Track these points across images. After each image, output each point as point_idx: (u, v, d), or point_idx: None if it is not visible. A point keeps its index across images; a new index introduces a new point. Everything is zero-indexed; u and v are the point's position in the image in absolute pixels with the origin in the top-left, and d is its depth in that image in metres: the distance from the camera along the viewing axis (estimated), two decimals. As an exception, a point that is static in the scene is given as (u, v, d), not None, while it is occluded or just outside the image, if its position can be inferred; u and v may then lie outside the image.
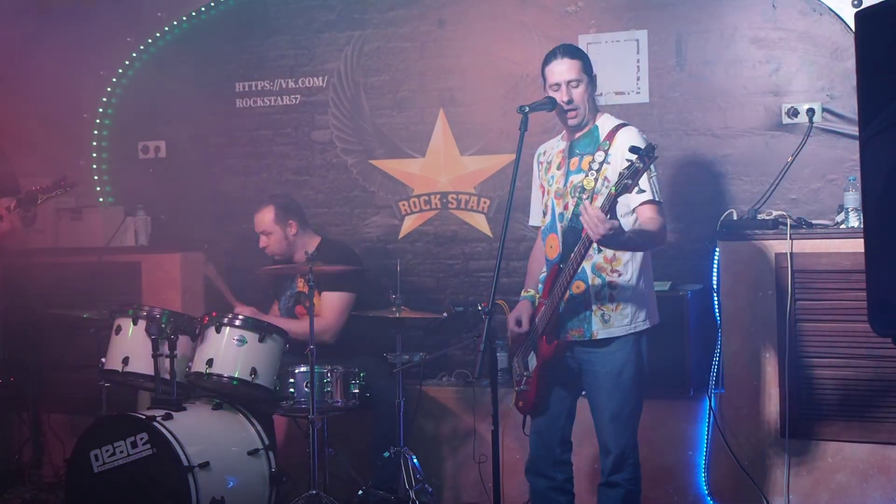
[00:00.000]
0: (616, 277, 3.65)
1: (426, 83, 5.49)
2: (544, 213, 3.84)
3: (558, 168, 3.79)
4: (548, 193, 3.81)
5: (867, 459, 4.33)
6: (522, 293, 3.94)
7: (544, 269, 3.85)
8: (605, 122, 3.77)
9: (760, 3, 4.87)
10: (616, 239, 3.34)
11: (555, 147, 3.87)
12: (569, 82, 3.69)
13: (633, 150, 3.25)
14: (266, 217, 4.88)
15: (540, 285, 3.85)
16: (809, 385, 4.40)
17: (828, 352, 4.37)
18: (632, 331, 3.68)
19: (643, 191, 3.41)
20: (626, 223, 3.56)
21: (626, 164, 3.27)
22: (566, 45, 3.83)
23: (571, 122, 3.74)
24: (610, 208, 3.27)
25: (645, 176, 3.37)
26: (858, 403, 4.34)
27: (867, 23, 2.73)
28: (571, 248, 3.56)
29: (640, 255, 3.69)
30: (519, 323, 3.80)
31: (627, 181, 3.23)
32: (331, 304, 4.77)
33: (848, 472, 4.35)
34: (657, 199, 3.59)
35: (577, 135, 3.77)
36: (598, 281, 3.66)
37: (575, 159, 3.74)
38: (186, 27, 5.92)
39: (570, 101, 3.68)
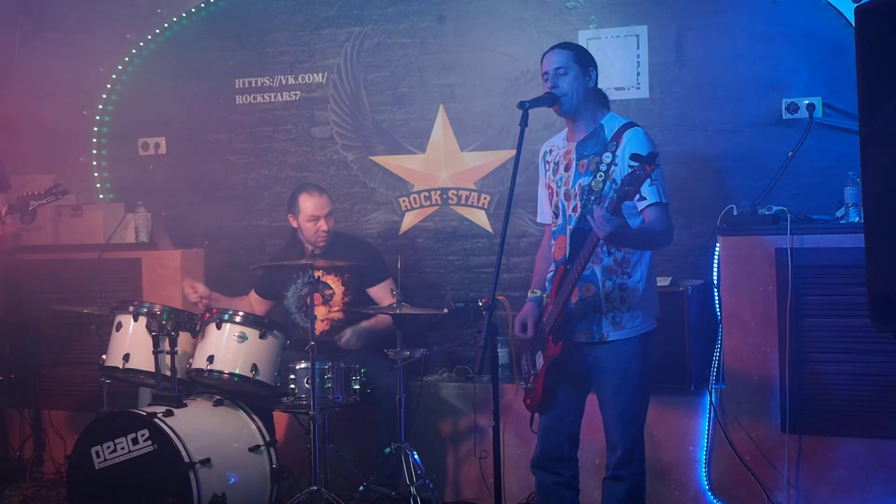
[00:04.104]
0: (626, 280, 3.66)
1: (426, 79, 5.48)
2: (556, 214, 3.82)
3: (566, 170, 3.77)
4: (557, 195, 3.79)
5: (868, 454, 4.33)
6: (529, 294, 3.90)
7: (552, 269, 3.85)
8: (610, 122, 3.75)
9: (761, -3, 4.87)
10: (623, 236, 3.40)
11: (561, 147, 3.83)
12: (556, 69, 3.69)
13: (634, 157, 3.25)
14: (326, 201, 4.94)
15: (547, 285, 3.85)
16: (810, 380, 4.40)
17: (828, 347, 4.38)
18: (641, 331, 3.71)
19: (644, 197, 3.45)
20: (635, 224, 3.60)
21: (629, 170, 3.28)
22: (563, 41, 3.85)
23: (558, 111, 3.71)
24: (614, 211, 3.29)
25: (647, 181, 3.42)
26: (859, 398, 4.34)
27: (867, 18, 2.73)
28: (578, 249, 3.59)
29: (647, 257, 3.70)
30: (524, 328, 3.78)
31: (628, 188, 3.24)
32: (384, 295, 4.88)
33: (849, 466, 4.36)
34: (662, 201, 3.60)
35: (583, 135, 3.75)
36: (608, 284, 3.65)
37: (584, 161, 3.71)
38: (186, 24, 5.92)
39: (554, 87, 3.67)
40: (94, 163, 6.05)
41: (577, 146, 3.76)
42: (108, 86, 6.00)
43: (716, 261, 4.61)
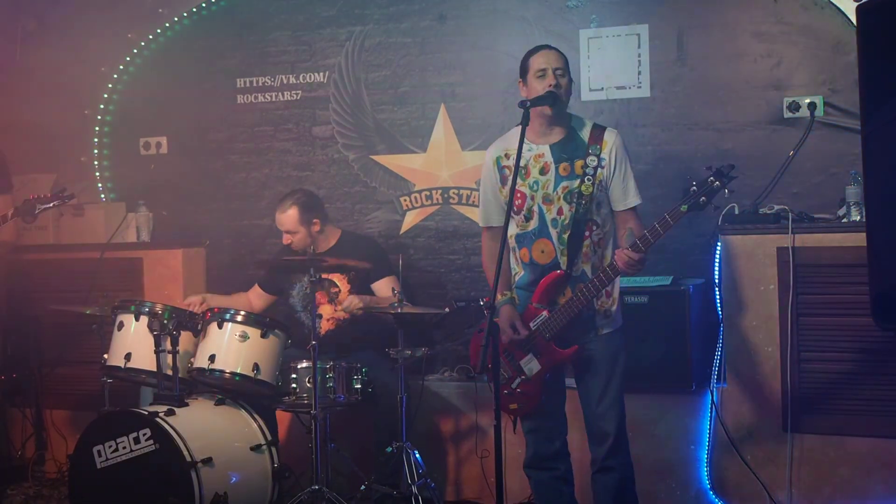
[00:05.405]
0: None
1: (427, 78, 5.48)
2: (527, 218, 3.80)
3: (542, 173, 3.77)
4: (532, 199, 3.79)
5: (869, 453, 4.33)
6: (499, 297, 3.78)
7: (520, 271, 3.86)
8: (578, 124, 3.80)
9: (762, -4, 4.87)
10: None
11: (526, 150, 3.77)
12: (556, 69, 3.72)
13: (715, 172, 3.36)
14: (291, 218, 4.87)
15: (518, 291, 3.86)
16: (812, 379, 4.40)
17: (830, 346, 4.37)
18: (622, 321, 3.85)
19: (634, 199, 3.67)
20: (607, 220, 3.76)
21: (694, 183, 3.37)
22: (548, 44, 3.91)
23: (549, 111, 3.71)
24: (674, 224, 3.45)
25: (632, 181, 3.70)
26: (861, 397, 4.33)
27: (869, 17, 2.73)
28: (576, 253, 3.67)
29: (612, 246, 3.80)
30: (515, 329, 3.77)
31: (702, 198, 3.35)
32: (386, 291, 4.84)
33: (850, 465, 4.36)
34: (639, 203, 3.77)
35: (557, 138, 3.77)
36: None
37: (565, 164, 3.74)
38: (187, 23, 5.92)
39: (557, 87, 3.69)
40: (96, 162, 6.05)
41: (552, 149, 3.77)
42: (110, 85, 6.00)
43: (717, 260, 4.61)
